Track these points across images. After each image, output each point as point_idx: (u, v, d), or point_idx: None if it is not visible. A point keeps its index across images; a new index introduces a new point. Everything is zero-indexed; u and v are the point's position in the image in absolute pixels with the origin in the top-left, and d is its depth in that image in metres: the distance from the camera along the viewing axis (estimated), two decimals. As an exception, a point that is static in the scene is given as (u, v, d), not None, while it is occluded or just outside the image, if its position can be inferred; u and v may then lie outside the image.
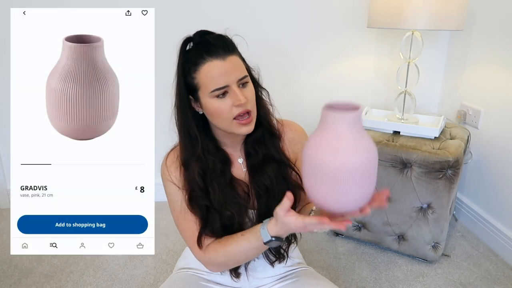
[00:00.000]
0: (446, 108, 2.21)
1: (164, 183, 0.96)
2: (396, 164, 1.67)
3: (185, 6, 1.99)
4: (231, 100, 0.85)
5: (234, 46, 0.89)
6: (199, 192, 0.92)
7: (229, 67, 0.84)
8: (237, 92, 0.84)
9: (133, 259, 1.77)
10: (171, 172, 0.94)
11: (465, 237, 1.96)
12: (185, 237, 0.96)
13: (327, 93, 2.25)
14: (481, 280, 1.65)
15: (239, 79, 0.86)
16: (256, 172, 0.96)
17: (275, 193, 0.93)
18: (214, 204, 0.92)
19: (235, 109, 0.86)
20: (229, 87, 0.85)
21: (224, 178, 0.94)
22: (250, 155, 0.97)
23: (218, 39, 0.87)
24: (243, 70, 0.88)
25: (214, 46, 0.85)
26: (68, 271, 1.69)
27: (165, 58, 2.23)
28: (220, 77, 0.84)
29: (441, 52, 2.18)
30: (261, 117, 0.94)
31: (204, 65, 0.85)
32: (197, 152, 0.92)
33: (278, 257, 1.02)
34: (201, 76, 0.85)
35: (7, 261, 1.74)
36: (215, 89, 0.84)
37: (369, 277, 1.67)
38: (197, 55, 0.86)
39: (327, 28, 2.12)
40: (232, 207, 0.92)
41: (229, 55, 0.85)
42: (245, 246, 0.88)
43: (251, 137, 0.96)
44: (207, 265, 0.95)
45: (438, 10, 1.54)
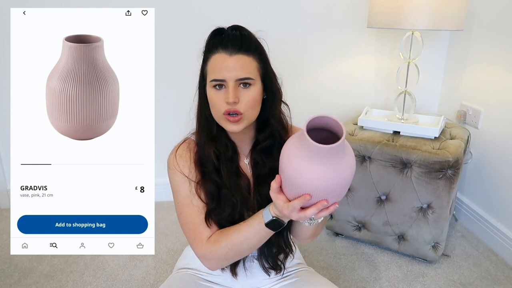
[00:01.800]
0: (446, 108, 2.21)
1: (170, 174, 0.97)
2: (396, 164, 1.67)
3: (185, 6, 2.00)
4: (224, 95, 0.87)
5: (251, 47, 0.89)
6: (212, 169, 0.94)
7: (233, 64, 0.86)
8: (229, 90, 0.86)
9: (133, 259, 1.77)
10: (179, 162, 0.96)
11: (465, 237, 1.96)
12: (186, 228, 0.95)
13: (327, 93, 2.25)
14: (481, 280, 1.65)
15: (240, 78, 0.86)
16: (260, 183, 0.97)
17: None
18: (226, 183, 0.94)
19: (224, 105, 0.88)
20: (226, 82, 0.87)
21: (232, 164, 0.96)
22: (257, 164, 0.98)
23: (235, 36, 0.89)
24: (248, 71, 0.87)
25: (228, 41, 0.88)
26: (68, 271, 1.69)
27: (165, 58, 2.23)
28: (221, 70, 0.87)
29: (441, 52, 2.18)
30: (273, 128, 0.95)
31: (214, 55, 0.88)
32: (213, 133, 0.95)
33: (275, 267, 1.02)
34: (210, 64, 0.89)
35: (7, 261, 1.74)
36: (213, 79, 0.88)
37: (369, 277, 1.67)
38: (213, 45, 0.89)
39: (327, 28, 2.12)
40: (237, 194, 0.94)
41: (239, 53, 0.87)
42: (247, 232, 0.87)
43: (261, 145, 0.97)
44: (206, 259, 0.93)
45: (438, 10, 1.54)
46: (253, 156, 0.99)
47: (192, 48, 1.01)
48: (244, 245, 0.89)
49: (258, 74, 0.90)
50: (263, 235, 0.87)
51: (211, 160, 0.94)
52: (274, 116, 0.95)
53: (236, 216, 0.93)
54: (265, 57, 0.93)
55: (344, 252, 1.84)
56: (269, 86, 0.93)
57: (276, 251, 1.01)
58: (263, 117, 0.95)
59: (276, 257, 1.02)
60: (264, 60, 0.92)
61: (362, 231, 1.85)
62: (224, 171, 0.95)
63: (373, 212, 1.78)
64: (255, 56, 0.89)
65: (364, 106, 2.05)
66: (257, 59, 0.90)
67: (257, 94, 0.90)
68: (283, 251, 1.02)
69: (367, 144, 1.71)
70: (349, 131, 1.84)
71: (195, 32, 2.01)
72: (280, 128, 0.97)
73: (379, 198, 1.76)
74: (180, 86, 2.05)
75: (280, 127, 0.97)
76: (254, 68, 0.89)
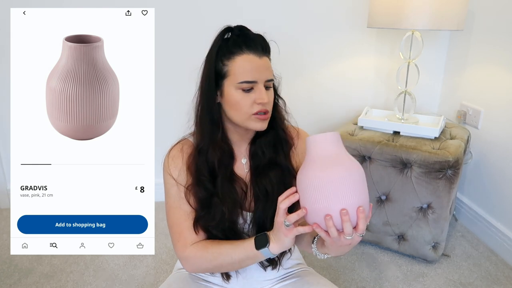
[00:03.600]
0: (446, 108, 2.21)
1: (163, 175, 0.97)
2: (396, 164, 1.67)
3: (185, 6, 2.00)
4: (255, 96, 0.88)
5: (269, 49, 0.93)
6: (208, 177, 0.93)
7: (263, 65, 0.89)
8: (262, 91, 0.88)
9: (133, 259, 1.77)
10: (171, 164, 0.96)
11: (465, 237, 1.96)
12: (172, 229, 0.96)
13: (327, 93, 2.25)
14: (481, 280, 1.65)
15: (267, 80, 0.89)
16: (259, 174, 0.96)
17: (274, 198, 0.92)
18: (218, 192, 0.93)
19: (255, 106, 0.88)
20: (256, 84, 0.88)
21: (226, 171, 0.95)
22: (256, 156, 0.98)
23: (258, 37, 0.91)
24: (272, 73, 0.92)
25: (254, 42, 0.89)
26: (68, 271, 1.69)
27: (165, 58, 2.23)
28: (252, 71, 0.87)
29: (441, 52, 2.18)
30: (275, 123, 0.97)
31: (240, 56, 0.88)
32: (216, 138, 0.93)
33: (270, 262, 1.01)
34: (234, 65, 0.88)
35: (7, 261, 1.74)
36: (244, 81, 0.87)
37: (369, 277, 1.67)
38: (236, 45, 0.88)
39: (327, 28, 2.12)
40: (229, 202, 0.93)
41: (264, 55, 0.90)
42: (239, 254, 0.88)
43: (261, 138, 0.97)
44: (187, 262, 0.93)
45: (438, 10, 1.54)
46: (252, 150, 0.99)
47: (192, 48, 1.02)
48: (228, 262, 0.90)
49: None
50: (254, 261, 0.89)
51: (211, 168, 0.93)
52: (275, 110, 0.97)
53: (225, 224, 0.93)
54: None
55: (344, 252, 1.84)
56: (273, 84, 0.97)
57: None
58: None
59: None
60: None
61: (362, 231, 1.85)
62: (219, 178, 0.94)
63: (373, 212, 1.78)
64: (269, 57, 0.93)
65: (364, 106, 2.05)
66: (270, 60, 0.94)
67: (273, 94, 0.94)
68: None
69: (367, 144, 1.71)
70: (349, 131, 1.84)
71: (196, 32, 2.01)
72: (281, 120, 0.99)
73: (379, 198, 1.76)
74: (181, 86, 2.05)
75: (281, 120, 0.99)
76: (272, 69, 0.93)
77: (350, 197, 0.73)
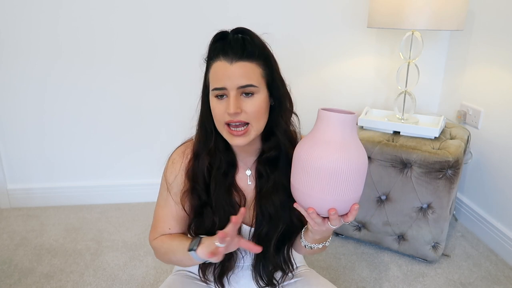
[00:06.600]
0: (446, 108, 2.21)
1: (162, 174, 0.99)
2: (396, 164, 1.67)
3: (185, 6, 1.99)
4: (226, 105, 0.82)
5: (254, 52, 0.82)
6: (202, 185, 0.92)
7: (234, 72, 0.80)
8: (230, 100, 0.80)
9: (133, 259, 1.77)
10: (169, 168, 0.96)
11: (465, 237, 1.96)
12: (154, 218, 0.99)
13: (327, 93, 2.25)
14: (481, 280, 1.65)
15: (240, 86, 0.80)
16: (262, 197, 0.93)
17: (276, 221, 0.92)
18: (211, 201, 0.92)
19: (225, 116, 0.82)
20: (227, 91, 0.81)
21: (225, 181, 0.92)
22: (261, 177, 0.94)
23: (237, 41, 0.82)
24: (250, 78, 0.81)
25: (229, 47, 0.81)
26: (68, 271, 1.69)
27: (168, 60, 2.23)
28: (222, 78, 0.81)
29: (441, 52, 2.18)
30: (279, 140, 0.89)
31: (215, 63, 0.82)
32: (209, 146, 0.90)
33: (269, 284, 0.99)
34: (211, 72, 0.84)
35: (7, 261, 1.74)
36: (215, 88, 0.82)
37: (369, 277, 1.67)
38: (214, 51, 0.83)
39: (327, 28, 2.12)
40: (221, 213, 0.91)
41: (240, 60, 0.80)
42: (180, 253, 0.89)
43: (265, 155, 0.92)
44: (154, 250, 1.00)
45: (438, 10, 1.54)
46: (258, 168, 0.94)
47: (192, 51, 1.01)
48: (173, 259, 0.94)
49: (262, 81, 0.83)
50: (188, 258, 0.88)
51: (202, 175, 0.91)
52: (279, 126, 0.89)
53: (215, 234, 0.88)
54: (271, 62, 0.86)
55: (344, 252, 1.84)
56: (275, 93, 0.87)
57: (272, 268, 0.97)
58: (268, 126, 0.88)
59: (272, 275, 0.98)
60: (270, 65, 0.85)
61: (362, 231, 1.85)
62: (213, 188, 0.91)
63: (373, 212, 1.78)
64: (259, 61, 0.83)
65: (364, 106, 2.05)
66: (261, 65, 0.83)
67: (262, 102, 0.83)
68: (280, 269, 0.98)
69: (367, 144, 1.71)
70: (349, 131, 1.84)
71: (196, 34, 2.01)
72: (285, 139, 0.90)
73: (379, 198, 1.76)
74: (182, 87, 2.05)
75: (284, 138, 0.90)
76: (258, 74, 0.82)
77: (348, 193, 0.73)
